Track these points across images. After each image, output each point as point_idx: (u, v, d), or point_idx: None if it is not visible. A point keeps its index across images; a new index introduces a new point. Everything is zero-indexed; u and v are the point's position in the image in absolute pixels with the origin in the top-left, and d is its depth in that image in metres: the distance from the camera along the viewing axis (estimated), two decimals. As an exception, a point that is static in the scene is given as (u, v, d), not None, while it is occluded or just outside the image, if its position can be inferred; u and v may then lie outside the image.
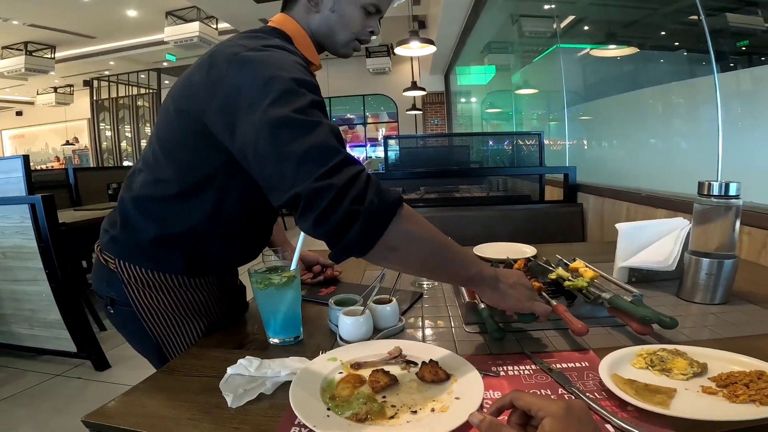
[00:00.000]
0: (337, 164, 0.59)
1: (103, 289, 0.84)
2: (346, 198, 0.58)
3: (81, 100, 11.71)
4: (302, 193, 0.58)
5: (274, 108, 0.61)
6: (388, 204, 0.61)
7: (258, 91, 0.63)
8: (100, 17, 7.52)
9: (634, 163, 2.44)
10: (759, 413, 0.48)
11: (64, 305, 2.22)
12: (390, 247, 0.62)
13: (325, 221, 0.58)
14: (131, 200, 0.80)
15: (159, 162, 0.77)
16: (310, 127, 0.61)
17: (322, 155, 0.59)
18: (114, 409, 0.58)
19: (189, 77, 0.73)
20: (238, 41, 0.72)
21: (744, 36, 1.87)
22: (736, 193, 0.86)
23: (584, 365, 0.65)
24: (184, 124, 0.73)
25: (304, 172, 0.58)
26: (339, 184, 0.58)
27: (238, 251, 0.87)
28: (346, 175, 0.59)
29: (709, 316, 0.84)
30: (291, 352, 0.71)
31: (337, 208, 0.57)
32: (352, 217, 0.58)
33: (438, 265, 0.68)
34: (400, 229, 0.62)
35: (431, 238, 0.66)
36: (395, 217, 0.61)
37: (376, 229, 0.60)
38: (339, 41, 0.85)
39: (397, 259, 0.65)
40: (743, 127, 1.72)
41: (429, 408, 0.55)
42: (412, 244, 0.65)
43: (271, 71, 0.64)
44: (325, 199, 0.57)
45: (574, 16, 3.65)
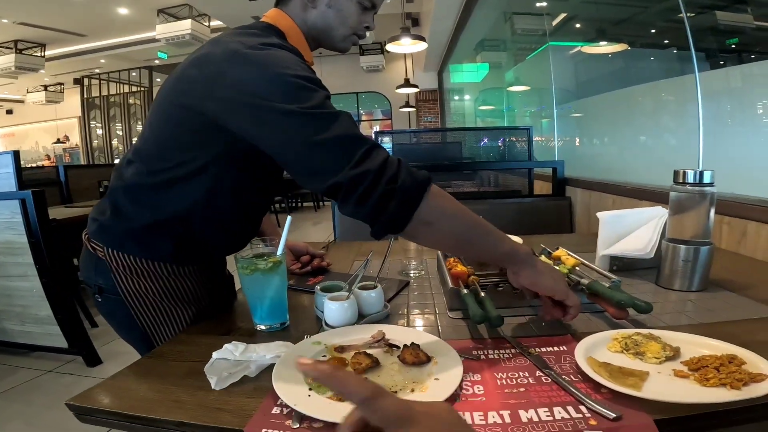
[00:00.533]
0: (367, 150, 0.65)
1: (91, 278, 0.85)
2: (382, 179, 0.64)
3: (71, 98, 11.60)
4: (342, 180, 0.63)
5: (294, 104, 0.65)
6: (419, 181, 0.66)
7: (272, 88, 0.66)
8: (91, 15, 7.46)
9: (622, 160, 2.47)
10: (729, 397, 0.50)
11: (55, 301, 2.22)
12: (425, 221, 0.67)
13: (365, 202, 0.64)
14: (123, 189, 0.81)
15: (152, 154, 0.78)
16: (333, 117, 0.66)
17: (352, 144, 0.65)
18: (98, 393, 0.59)
19: (184, 72, 0.74)
20: (234, 38, 0.73)
21: (733, 34, 1.89)
22: (710, 180, 0.88)
23: (562, 349, 0.67)
24: (180, 118, 0.74)
25: (339, 162, 0.64)
26: (374, 168, 0.63)
27: (228, 239, 0.88)
28: (379, 159, 0.65)
29: (687, 302, 0.85)
30: (277, 338, 0.72)
31: (375, 189, 0.63)
32: (389, 196, 0.64)
33: (472, 240, 0.71)
34: (433, 204, 0.67)
35: (463, 214, 0.70)
36: (426, 193, 0.66)
37: (410, 204, 0.65)
38: (336, 37, 0.87)
39: (432, 234, 0.69)
40: (724, 124, 1.74)
41: (409, 389, 0.56)
42: (445, 218, 0.69)
43: (278, 69, 0.67)
44: (363, 183, 0.63)
45: (565, 14, 3.67)
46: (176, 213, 0.79)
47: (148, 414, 0.54)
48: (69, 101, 11.58)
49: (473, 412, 0.52)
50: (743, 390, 0.51)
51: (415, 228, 0.67)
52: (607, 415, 0.49)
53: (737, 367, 0.55)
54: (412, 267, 1.10)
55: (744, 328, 0.72)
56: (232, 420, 0.52)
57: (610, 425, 0.48)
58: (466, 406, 0.53)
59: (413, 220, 0.66)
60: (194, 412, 0.54)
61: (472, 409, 0.52)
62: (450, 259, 1.00)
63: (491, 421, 0.50)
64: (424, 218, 0.66)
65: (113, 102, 11.64)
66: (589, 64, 3.23)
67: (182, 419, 0.52)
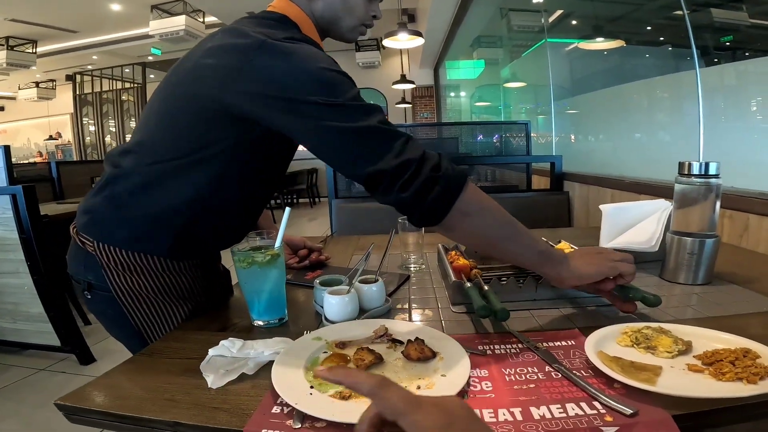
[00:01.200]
0: (406, 140, 0.66)
1: (80, 273, 0.82)
2: (425, 167, 0.65)
3: (63, 95, 11.47)
4: (386, 168, 0.64)
5: (331, 97, 0.65)
6: (460, 172, 0.67)
7: (307, 81, 0.66)
8: (83, 11, 7.36)
9: (619, 157, 2.47)
10: (746, 391, 0.48)
11: (47, 298, 2.19)
12: (464, 212, 0.67)
13: (408, 188, 0.64)
14: (121, 180, 0.77)
15: (158, 145, 0.75)
16: (371, 109, 0.67)
17: (392, 134, 0.66)
18: (88, 391, 0.56)
19: (199, 62, 0.71)
20: (255, 28, 0.71)
21: (728, 31, 1.88)
22: (716, 172, 0.87)
23: (570, 343, 0.65)
24: (194, 108, 0.72)
25: (380, 150, 0.65)
26: (417, 157, 0.65)
27: (228, 233, 0.86)
28: (419, 149, 0.66)
29: (692, 296, 0.84)
30: (275, 334, 0.70)
31: (418, 175, 0.64)
32: (432, 182, 0.64)
33: (509, 237, 0.71)
34: (472, 196, 0.67)
35: (499, 209, 0.70)
36: (466, 184, 0.67)
37: (452, 192, 0.66)
38: (345, 27, 0.86)
39: (471, 227, 0.69)
40: (724, 120, 1.74)
41: (415, 386, 0.54)
42: (483, 211, 0.69)
43: (311, 63, 0.67)
44: (408, 170, 0.64)
45: (562, 11, 3.66)
46: (178, 204, 0.76)
47: (141, 414, 0.51)
48: (61, 98, 11.45)
49: (483, 409, 0.50)
50: (760, 384, 0.49)
51: (454, 218, 0.67)
52: (623, 410, 0.47)
53: (752, 361, 0.54)
54: (413, 261, 1.08)
55: (752, 321, 0.71)
56: (230, 420, 0.49)
57: (627, 421, 0.46)
58: (474, 403, 0.51)
59: (453, 210, 0.66)
60: (190, 411, 0.51)
61: (482, 407, 0.50)
62: (451, 252, 0.98)
63: (502, 419, 0.48)
64: (464, 209, 0.66)
65: (106, 99, 11.52)
66: (587, 60, 3.23)
67: (177, 419, 0.50)
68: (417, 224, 0.69)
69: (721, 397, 0.49)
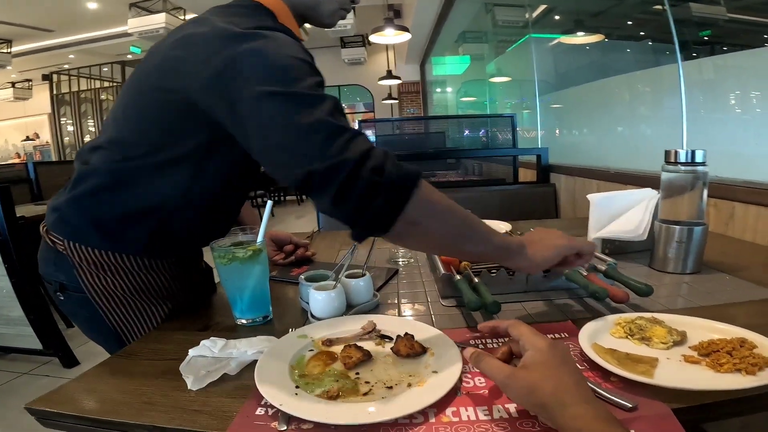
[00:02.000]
0: (348, 139, 0.56)
1: (51, 274, 0.78)
2: (363, 169, 0.54)
3: (40, 95, 11.21)
4: (317, 169, 0.54)
5: (280, 85, 0.59)
6: (408, 175, 0.57)
7: (262, 70, 0.60)
8: (58, 10, 7.20)
9: (604, 149, 2.49)
10: (746, 383, 0.47)
11: (27, 301, 2.16)
12: (412, 221, 0.58)
13: (345, 197, 0.54)
14: (91, 176, 0.74)
15: (129, 141, 0.72)
16: (316, 101, 0.59)
17: (331, 130, 0.56)
18: (60, 395, 0.53)
19: (167, 54, 0.68)
20: (223, 18, 0.67)
21: (706, 26, 1.90)
22: (703, 160, 0.87)
23: (564, 335, 0.64)
24: (163, 102, 0.68)
25: (316, 149, 0.55)
26: (355, 158, 0.54)
27: (205, 230, 0.83)
28: (360, 147, 0.56)
29: (682, 285, 0.84)
30: (260, 332, 0.67)
31: (356, 181, 0.54)
32: (374, 189, 0.54)
33: (463, 238, 0.65)
34: (422, 201, 0.58)
35: (453, 211, 0.63)
36: (416, 189, 0.57)
37: (398, 201, 0.56)
38: (324, 12, 0.82)
39: (420, 234, 0.62)
40: (704, 113, 1.77)
41: (405, 383, 0.53)
42: (434, 216, 0.61)
43: (273, 51, 0.61)
44: (342, 172, 0.54)
45: (545, 6, 3.68)
46: (152, 201, 0.73)
47: (117, 418, 0.48)
48: (38, 98, 11.18)
49: (476, 406, 0.48)
50: (759, 375, 0.49)
51: (402, 228, 0.58)
52: (623, 405, 0.46)
53: (749, 351, 0.53)
54: (401, 254, 1.07)
55: (744, 310, 0.71)
56: (210, 422, 0.47)
57: (626, 416, 0.45)
58: (468, 401, 0.49)
59: (400, 220, 0.57)
60: (169, 414, 0.48)
61: (475, 404, 0.49)
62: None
63: (497, 416, 0.46)
64: (412, 218, 0.58)
65: (84, 98, 11.28)
66: (570, 55, 3.26)
67: (155, 423, 0.47)
68: (358, 239, 0.60)
69: (721, 389, 0.47)
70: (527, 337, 0.48)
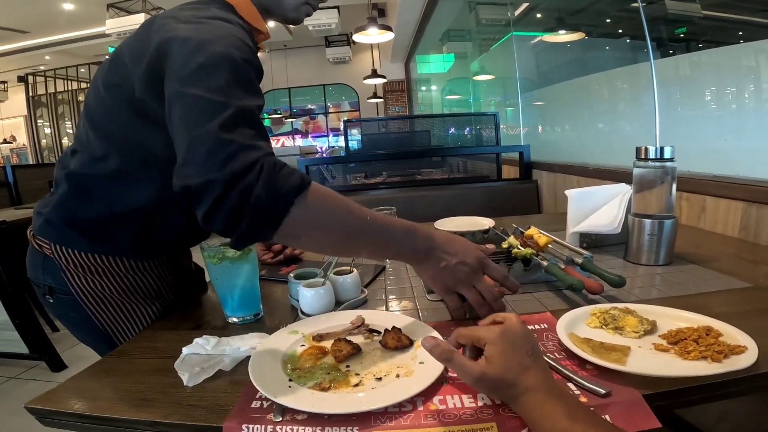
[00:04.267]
0: (228, 155, 0.54)
1: (39, 277, 0.78)
2: (232, 193, 0.53)
3: (16, 97, 10.89)
4: (192, 185, 0.54)
5: (190, 85, 0.57)
6: (280, 195, 0.55)
7: (181, 64, 0.58)
8: (33, 11, 6.99)
9: (584, 145, 2.55)
10: (711, 369, 0.50)
11: (11, 306, 2.14)
12: (291, 235, 0.59)
13: (213, 218, 0.54)
14: (69, 180, 0.75)
15: (92, 142, 0.73)
16: (217, 108, 0.56)
17: (214, 143, 0.54)
18: (58, 394, 0.55)
19: (116, 53, 0.69)
20: (171, 12, 0.68)
21: (682, 23, 1.94)
22: (671, 156, 0.91)
23: (543, 327, 0.67)
24: (114, 99, 0.69)
25: (195, 162, 0.54)
26: (225, 178, 0.52)
27: (191, 231, 0.83)
28: (236, 166, 0.53)
29: (655, 276, 0.88)
30: (251, 329, 0.69)
31: (221, 204, 0.53)
32: (238, 214, 0.54)
33: (352, 247, 0.66)
34: (299, 218, 0.57)
35: (341, 222, 0.62)
36: (293, 207, 0.56)
37: (266, 222, 0.56)
38: (287, 6, 0.82)
39: (303, 245, 0.67)
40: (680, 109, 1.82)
41: (394, 374, 0.55)
42: (315, 231, 0.61)
43: (197, 44, 0.59)
44: (212, 194, 0.53)
45: (527, 4, 3.73)
46: (133, 203, 0.74)
47: (116, 414, 0.50)
48: (14, 100, 10.86)
49: (462, 394, 0.51)
50: (724, 362, 0.51)
51: (283, 239, 0.60)
52: (597, 391, 0.49)
53: (715, 339, 0.56)
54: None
55: (713, 300, 0.74)
56: (208, 416, 0.49)
57: (601, 401, 0.48)
58: (454, 389, 0.52)
59: (277, 235, 0.57)
60: (167, 410, 0.50)
61: (461, 392, 0.51)
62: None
63: (481, 404, 0.49)
64: (290, 232, 0.58)
65: (61, 99, 10.98)
66: (551, 53, 3.30)
67: (155, 418, 0.49)
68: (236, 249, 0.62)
69: (687, 375, 0.50)
70: (478, 336, 0.49)
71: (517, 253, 0.85)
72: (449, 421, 0.46)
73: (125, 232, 0.76)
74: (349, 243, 0.65)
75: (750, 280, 0.80)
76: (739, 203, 1.15)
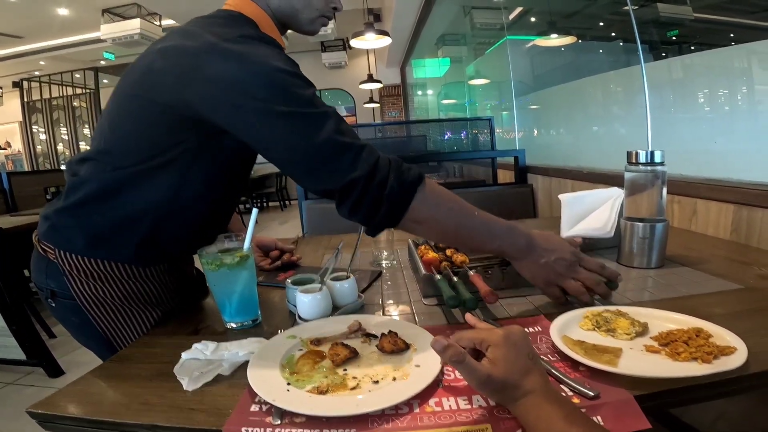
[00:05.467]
0: (356, 156, 0.66)
1: (43, 281, 0.79)
2: (371, 186, 0.66)
3: (11, 102, 10.82)
4: (335, 188, 0.66)
5: (282, 105, 0.64)
6: (407, 185, 0.68)
7: (257, 85, 0.64)
8: (28, 16, 6.98)
9: (578, 149, 2.57)
10: (701, 370, 0.51)
11: (8, 312, 2.14)
12: (415, 220, 0.70)
13: (357, 210, 0.67)
14: (81, 187, 0.75)
15: (116, 151, 0.74)
16: (323, 118, 0.66)
17: (341, 149, 0.66)
18: (61, 398, 0.55)
19: (151, 65, 0.70)
20: (206, 29, 0.69)
21: (674, 25, 1.95)
22: (661, 160, 0.92)
23: (537, 329, 0.68)
24: (148, 112, 0.70)
25: (330, 167, 0.65)
26: (363, 176, 0.65)
27: (194, 238, 0.84)
28: (368, 164, 0.66)
29: (647, 279, 0.89)
30: (249, 335, 0.70)
31: (365, 197, 0.66)
32: (378, 203, 0.67)
33: (464, 235, 0.74)
34: (423, 204, 0.70)
35: (456, 210, 0.72)
36: (416, 194, 0.69)
37: (399, 208, 0.68)
38: (304, 20, 0.84)
39: (424, 231, 0.74)
40: (674, 112, 1.83)
41: (390, 377, 0.56)
42: (434, 218, 0.72)
43: (262, 65, 0.65)
44: (355, 190, 0.66)
45: (521, 8, 3.76)
46: (141, 208, 0.75)
47: (117, 418, 0.51)
48: (9, 105, 10.81)
49: (457, 396, 0.52)
50: (714, 363, 0.52)
51: (407, 226, 0.70)
52: (585, 393, 0.50)
53: (705, 341, 0.57)
54: (384, 257, 1.10)
55: (704, 301, 0.75)
56: (208, 420, 0.49)
57: (592, 403, 0.49)
58: (449, 392, 0.53)
59: (404, 220, 0.69)
60: (167, 414, 0.51)
61: (456, 394, 0.52)
62: (421, 246, 1.00)
63: (476, 405, 0.50)
64: (415, 218, 0.69)
65: (56, 105, 10.91)
66: (545, 57, 3.32)
67: (155, 422, 0.50)
68: (372, 235, 0.73)
69: (678, 376, 0.51)
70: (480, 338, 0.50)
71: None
72: (445, 423, 0.47)
73: (130, 237, 0.76)
74: (462, 230, 0.73)
75: (741, 282, 0.81)
76: (730, 206, 1.17)
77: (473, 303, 0.71)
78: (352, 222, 0.71)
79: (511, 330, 0.50)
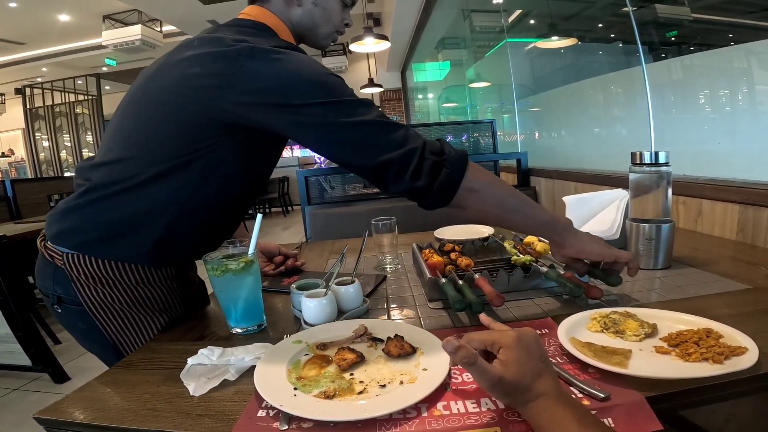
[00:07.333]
0: (406, 131, 0.71)
1: (49, 287, 0.79)
2: (427, 153, 0.70)
3: (13, 109, 10.89)
4: (393, 158, 0.69)
5: (330, 96, 0.69)
6: (462, 153, 0.73)
7: (304, 84, 0.68)
8: (30, 23, 7.03)
9: (580, 151, 2.56)
10: (713, 371, 0.50)
11: (13, 318, 2.15)
12: (471, 188, 0.72)
13: (419, 175, 0.70)
14: (94, 190, 0.75)
15: (138, 157, 0.74)
16: (369, 104, 0.72)
17: (392, 125, 0.71)
18: (68, 405, 0.55)
19: (185, 71, 0.71)
20: (238, 36, 0.72)
21: (672, 26, 1.95)
22: (666, 160, 0.92)
23: (544, 332, 0.68)
24: (180, 117, 0.71)
25: (384, 140, 0.69)
26: (419, 145, 0.70)
27: (208, 237, 0.85)
28: (419, 138, 0.71)
29: (655, 280, 0.88)
30: (255, 340, 0.70)
31: (423, 162, 0.70)
32: (439, 166, 0.70)
33: (515, 208, 0.76)
34: (476, 174, 0.73)
35: (503, 183, 0.77)
36: (469, 163, 0.72)
37: (458, 173, 0.71)
38: (321, 34, 0.88)
39: (478, 202, 0.74)
40: (675, 112, 1.83)
41: (397, 381, 0.56)
42: (488, 186, 0.74)
43: (305, 67, 0.70)
44: (413, 158, 0.69)
45: (520, 11, 3.77)
46: (160, 205, 0.75)
47: (124, 424, 0.50)
48: (11, 112, 10.87)
49: (465, 400, 0.52)
50: (725, 364, 0.52)
51: (463, 196, 0.72)
52: (596, 395, 0.49)
53: (715, 341, 0.56)
54: (388, 261, 1.10)
55: (712, 302, 0.74)
56: (215, 426, 0.49)
57: (603, 404, 0.48)
58: (457, 395, 0.53)
59: (461, 189, 0.71)
60: (174, 419, 0.51)
61: (464, 398, 0.52)
62: (425, 250, 1.00)
63: (485, 408, 0.50)
64: (471, 186, 0.72)
65: (59, 112, 10.97)
66: (545, 59, 3.32)
67: (162, 428, 0.49)
68: (429, 207, 0.74)
69: (689, 377, 0.51)
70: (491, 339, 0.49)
71: (517, 260, 0.86)
72: (454, 426, 0.47)
73: (146, 235, 0.76)
74: (514, 201, 0.76)
75: (749, 282, 0.80)
76: (736, 206, 1.16)
77: (479, 306, 0.70)
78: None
79: (523, 332, 0.49)
